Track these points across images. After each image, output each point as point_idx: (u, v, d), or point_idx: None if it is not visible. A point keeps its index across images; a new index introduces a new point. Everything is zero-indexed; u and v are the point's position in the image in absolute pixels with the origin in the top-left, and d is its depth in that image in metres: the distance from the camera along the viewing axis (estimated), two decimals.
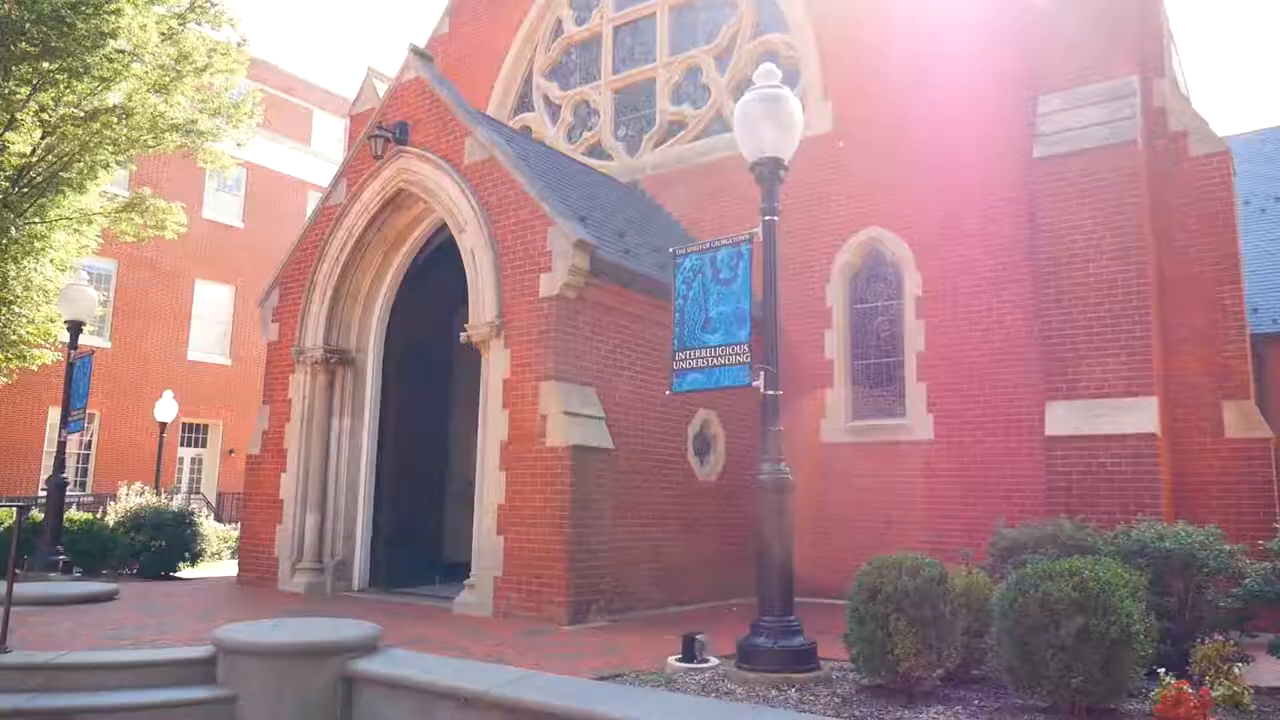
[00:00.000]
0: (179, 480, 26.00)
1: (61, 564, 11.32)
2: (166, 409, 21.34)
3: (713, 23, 13.12)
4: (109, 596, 9.18)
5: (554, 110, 14.74)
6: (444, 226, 10.01)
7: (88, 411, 14.34)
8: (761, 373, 5.98)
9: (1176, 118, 9.60)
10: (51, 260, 15.98)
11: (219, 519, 21.11)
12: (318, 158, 31.04)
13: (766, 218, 6.14)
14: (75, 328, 12.45)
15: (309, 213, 11.32)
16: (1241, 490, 8.85)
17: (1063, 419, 8.88)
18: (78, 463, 23.90)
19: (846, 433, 10.93)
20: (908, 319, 10.68)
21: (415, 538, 11.01)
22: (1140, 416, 8.53)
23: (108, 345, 24.55)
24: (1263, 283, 20.88)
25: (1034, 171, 9.55)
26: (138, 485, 14.82)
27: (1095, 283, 8.98)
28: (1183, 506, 8.95)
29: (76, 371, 12.42)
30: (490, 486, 8.75)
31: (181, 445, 26.48)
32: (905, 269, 10.80)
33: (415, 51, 10.23)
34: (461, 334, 9.27)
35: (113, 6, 14.10)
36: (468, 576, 8.85)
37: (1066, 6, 9.82)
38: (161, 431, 21.66)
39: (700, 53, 13.07)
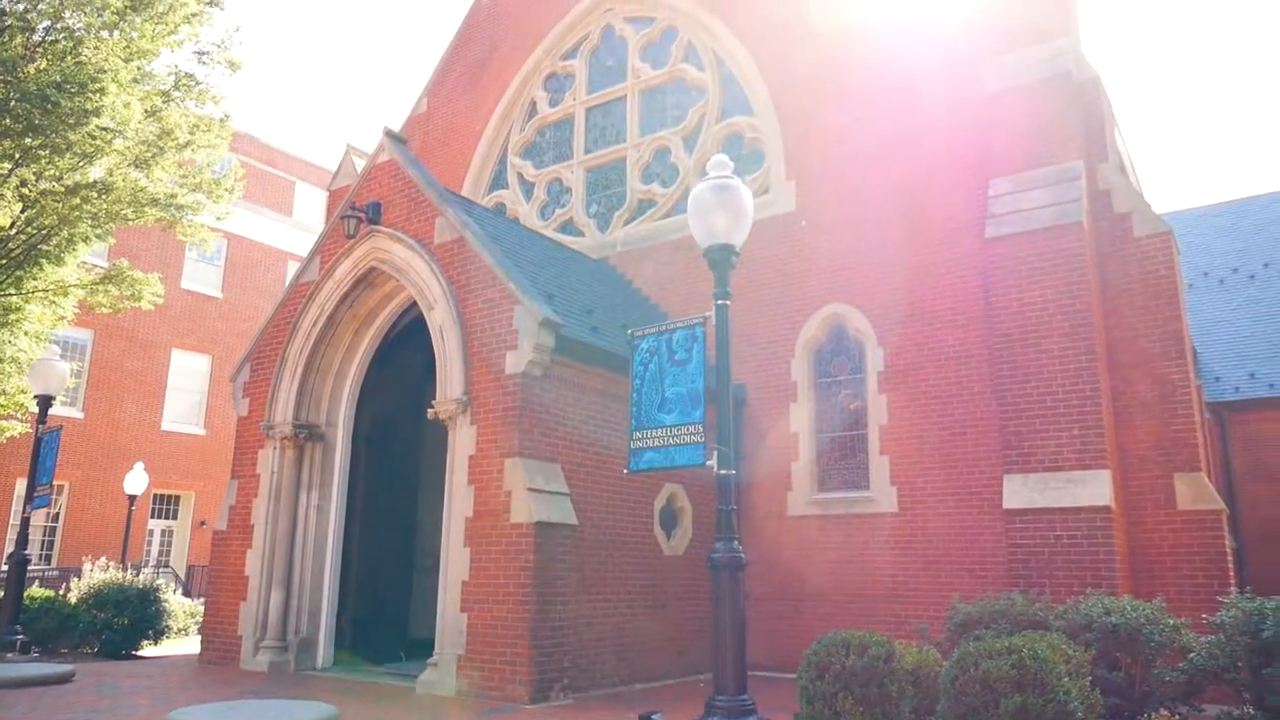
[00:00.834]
0: (148, 553, 25.61)
1: (19, 643, 11.12)
2: (137, 481, 21.15)
3: (680, 105, 13.61)
4: (66, 678, 9.04)
5: (528, 188, 15.12)
6: (415, 304, 10.20)
7: (56, 483, 14.28)
8: (715, 452, 6.11)
9: (1120, 200, 10.01)
10: (26, 332, 16.03)
11: (188, 593, 20.78)
12: (299, 228, 31.41)
13: (719, 302, 6.36)
14: (45, 402, 12.45)
15: (289, 282, 11.52)
16: (1196, 562, 9.01)
17: (1019, 492, 9.06)
18: (44, 535, 23.55)
19: (813, 505, 11.05)
20: (871, 393, 10.91)
21: (382, 614, 10.94)
22: (1094, 489, 8.73)
23: (80, 416, 24.40)
24: (1224, 352, 21.48)
25: (987, 251, 9.91)
26: (102, 561, 14.64)
27: (1047, 359, 9.27)
28: (1139, 578, 9.10)
29: (44, 446, 12.38)
30: (454, 563, 8.77)
31: (152, 517, 26.16)
32: (868, 345, 11.06)
33: (389, 135, 10.56)
34: (429, 410, 9.39)
35: (97, 85, 14.41)
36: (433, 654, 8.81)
37: (1014, 95, 10.31)
38: (131, 504, 21.42)
39: (669, 134, 13.53)
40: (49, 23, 14.97)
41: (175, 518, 27.04)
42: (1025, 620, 6.69)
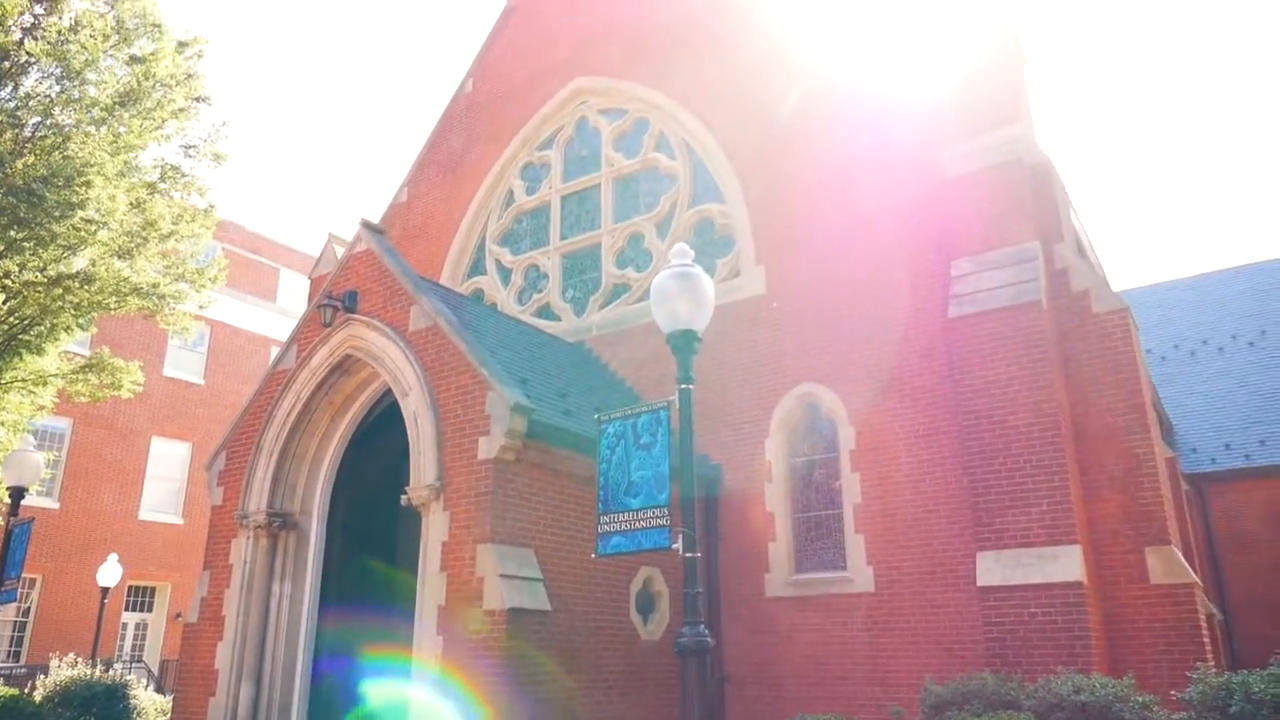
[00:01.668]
0: (121, 648, 24.99)
1: None
2: (110, 573, 20.78)
3: (653, 193, 14.01)
4: None
5: (506, 274, 15.41)
6: (390, 391, 10.30)
7: (28, 577, 14.02)
8: (680, 535, 6.17)
9: (1078, 278, 10.30)
10: (2, 422, 15.96)
11: (161, 689, 20.21)
12: (283, 314, 31.62)
13: (682, 385, 6.48)
14: (18, 493, 12.36)
15: (266, 370, 11.67)
16: (1170, 636, 8.99)
17: (992, 569, 9.09)
18: (13, 631, 22.99)
19: (791, 586, 11.01)
20: (844, 472, 10.99)
21: (356, 707, 10.71)
22: (1065, 565, 8.78)
23: (55, 506, 24.10)
24: (1199, 424, 21.74)
25: (951, 330, 10.15)
26: (70, 657, 14.31)
27: (1014, 435, 9.42)
28: (1116, 653, 9.08)
29: (14, 539, 12.24)
30: (428, 651, 8.67)
31: (126, 610, 25.60)
32: (839, 423, 11.19)
33: (366, 225, 10.82)
34: (403, 497, 9.40)
35: (84, 179, 14.68)
36: None
37: (970, 179, 10.70)
38: (103, 597, 21.00)
39: (642, 220, 13.89)
40: (39, 119, 15.30)
41: (150, 610, 26.48)
42: (997, 700, 6.67)
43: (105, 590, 21.01)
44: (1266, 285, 25.13)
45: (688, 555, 6.10)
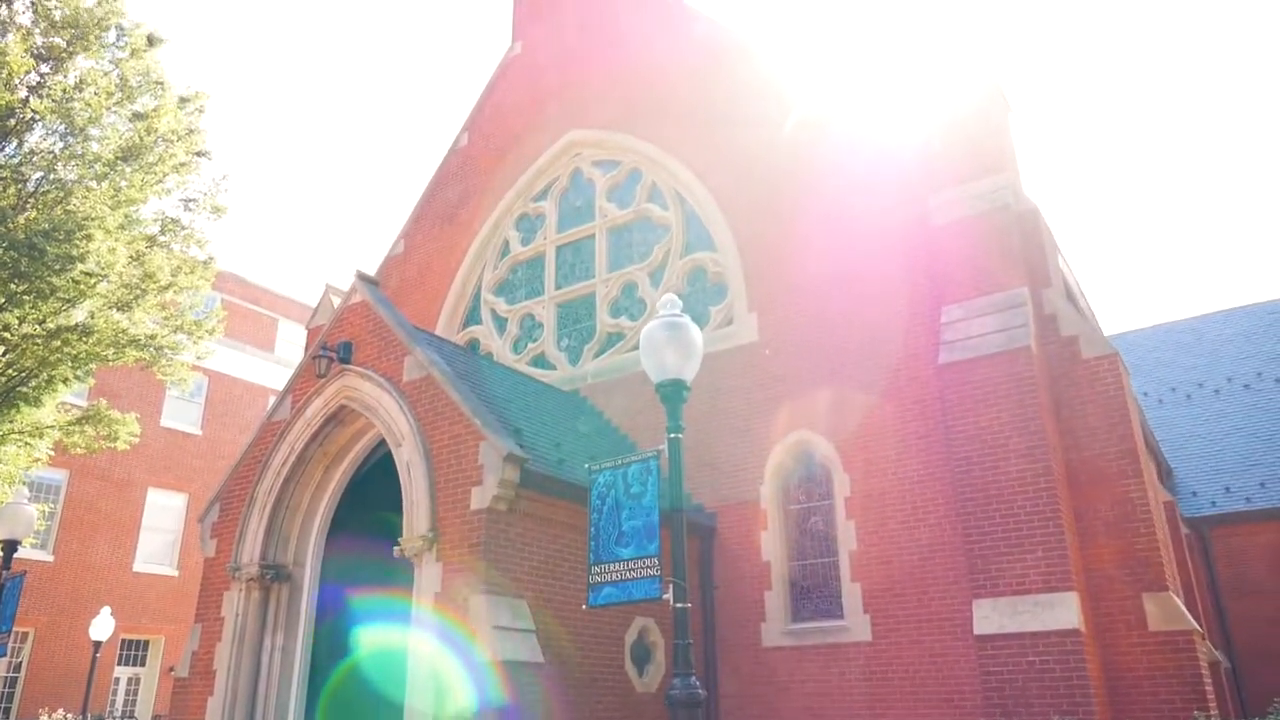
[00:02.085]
0: (113, 703, 24.61)
1: None
2: (103, 627, 20.55)
3: (647, 242, 14.16)
4: None
5: (501, 323, 15.51)
6: (384, 441, 10.32)
7: (20, 630, 13.87)
8: (671, 585, 6.14)
9: (1067, 323, 10.37)
10: None
11: None
12: (281, 364, 31.69)
13: (671, 435, 6.51)
14: (10, 547, 12.28)
15: (261, 422, 11.69)
16: (1172, 684, 8.89)
17: (989, 617, 9.02)
18: (3, 686, 22.65)
19: (787, 636, 10.90)
20: (839, 519, 10.95)
21: None
22: (1062, 613, 8.71)
23: (49, 559, 23.92)
24: (1198, 466, 21.67)
25: (942, 376, 10.20)
26: (60, 713, 14.12)
27: (1007, 480, 9.41)
28: (1118, 702, 8.97)
29: (5, 593, 12.14)
30: (420, 703, 8.56)
31: (119, 664, 25.27)
32: (834, 470, 11.18)
33: (361, 277, 10.92)
34: (395, 548, 9.36)
35: (84, 233, 14.81)
36: None
37: (958, 227, 10.83)
38: (95, 651, 20.74)
39: (636, 269, 14.02)
40: (42, 174, 15.50)
41: (144, 664, 26.13)
42: None
43: (97, 644, 20.77)
44: (1260, 327, 25.23)
45: (678, 606, 6.07)
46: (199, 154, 16.85)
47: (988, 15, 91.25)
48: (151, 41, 16.19)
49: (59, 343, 15.38)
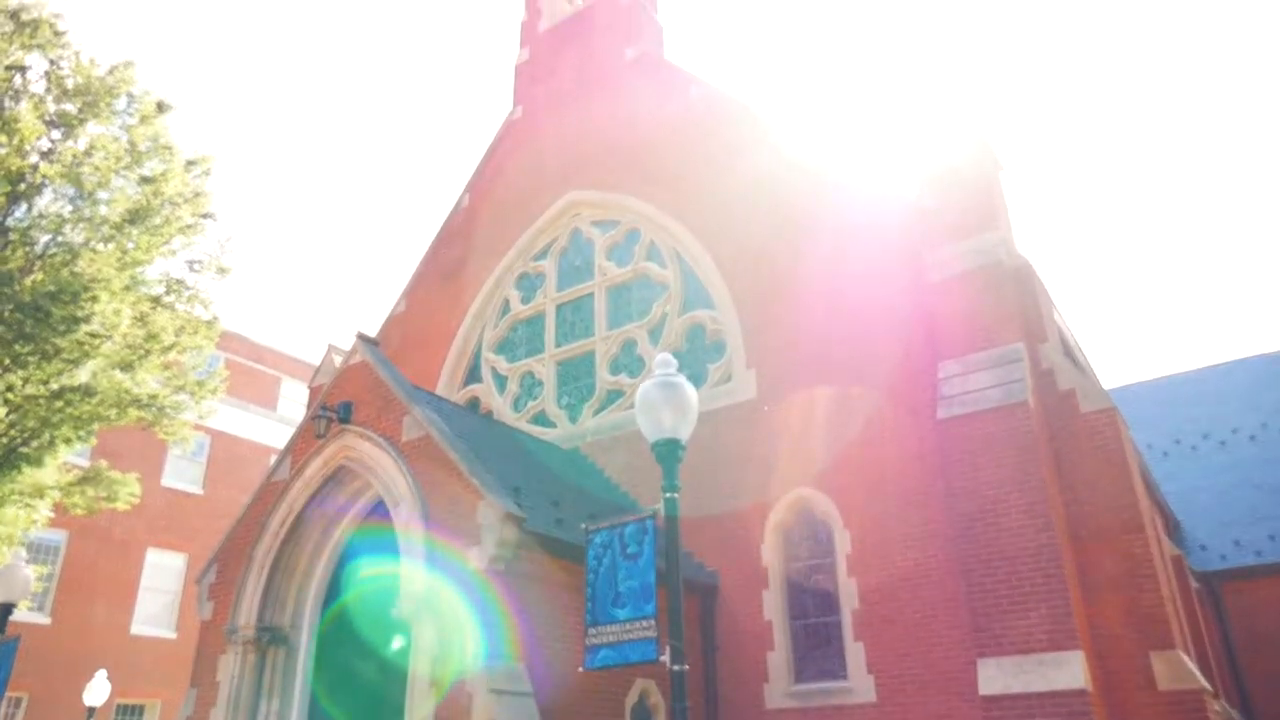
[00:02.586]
0: None
1: None
2: (97, 692, 20.21)
3: (645, 300, 14.27)
4: None
5: (501, 381, 15.57)
6: (383, 501, 10.29)
7: (14, 695, 13.67)
8: (668, 647, 6.07)
9: (1064, 378, 10.39)
10: None
11: None
12: (284, 423, 31.70)
13: (667, 494, 6.48)
14: (5, 610, 12.17)
15: (260, 483, 11.71)
16: None
17: (994, 678, 8.88)
18: None
19: (790, 698, 10.72)
20: (841, 577, 10.85)
21: None
22: (1069, 672, 8.57)
23: (46, 621, 23.66)
24: (1206, 519, 21.45)
25: (941, 432, 10.19)
26: None
27: (1009, 537, 9.34)
28: None
29: None
30: None
31: None
32: (835, 527, 11.11)
33: (362, 337, 11.01)
34: (393, 610, 9.27)
35: (90, 294, 14.95)
36: None
37: (953, 283, 10.92)
38: (89, 716, 20.39)
39: (635, 327, 14.11)
40: (50, 237, 15.69)
41: None
42: None
43: (91, 710, 20.42)
44: (1264, 379, 25.20)
45: (675, 668, 5.99)
46: (205, 216, 17.04)
47: (978, 74, 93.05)
48: (161, 108, 16.54)
49: (61, 403, 15.42)
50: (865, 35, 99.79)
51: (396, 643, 9.47)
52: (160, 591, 26.97)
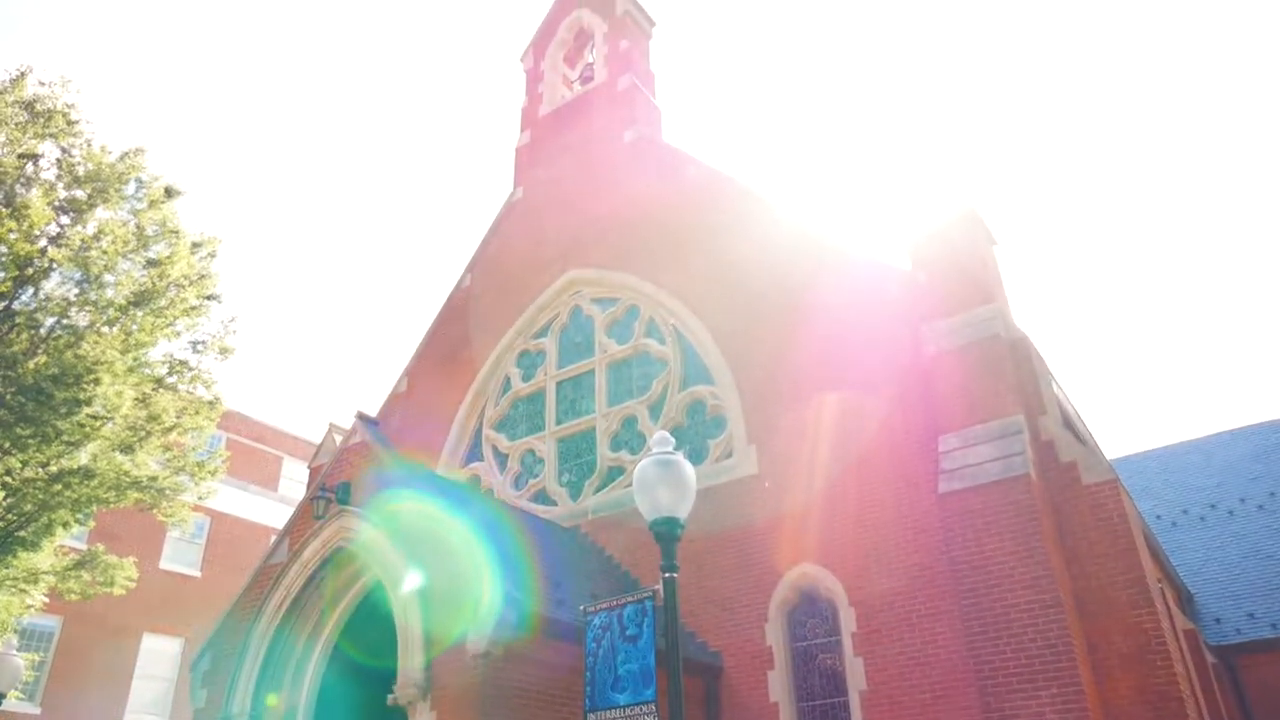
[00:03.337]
0: None
1: None
2: None
3: (646, 376, 14.34)
4: None
5: (502, 459, 15.53)
6: (381, 583, 10.16)
7: None
8: None
9: (1064, 450, 10.35)
10: None
11: None
12: (284, 503, 31.46)
13: (666, 574, 6.42)
14: None
15: (256, 566, 11.58)
16: None
17: None
18: None
19: None
20: (847, 656, 10.64)
21: None
22: None
23: (36, 711, 23.08)
24: (1218, 592, 21.08)
25: (943, 506, 10.12)
26: None
27: (1015, 613, 9.19)
28: None
29: None
30: None
31: None
32: (840, 605, 10.94)
33: (361, 417, 11.05)
34: (389, 696, 9.09)
35: (93, 376, 14.99)
36: None
37: (950, 357, 10.98)
38: None
39: (635, 404, 14.14)
40: (55, 319, 15.80)
41: None
42: None
43: None
44: (1269, 446, 25.07)
45: None
46: (210, 297, 17.16)
47: (971, 149, 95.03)
48: (169, 193, 16.85)
49: (60, 486, 15.33)
50: (859, 112, 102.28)
51: None
52: (155, 679, 26.38)
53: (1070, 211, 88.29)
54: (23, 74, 15.86)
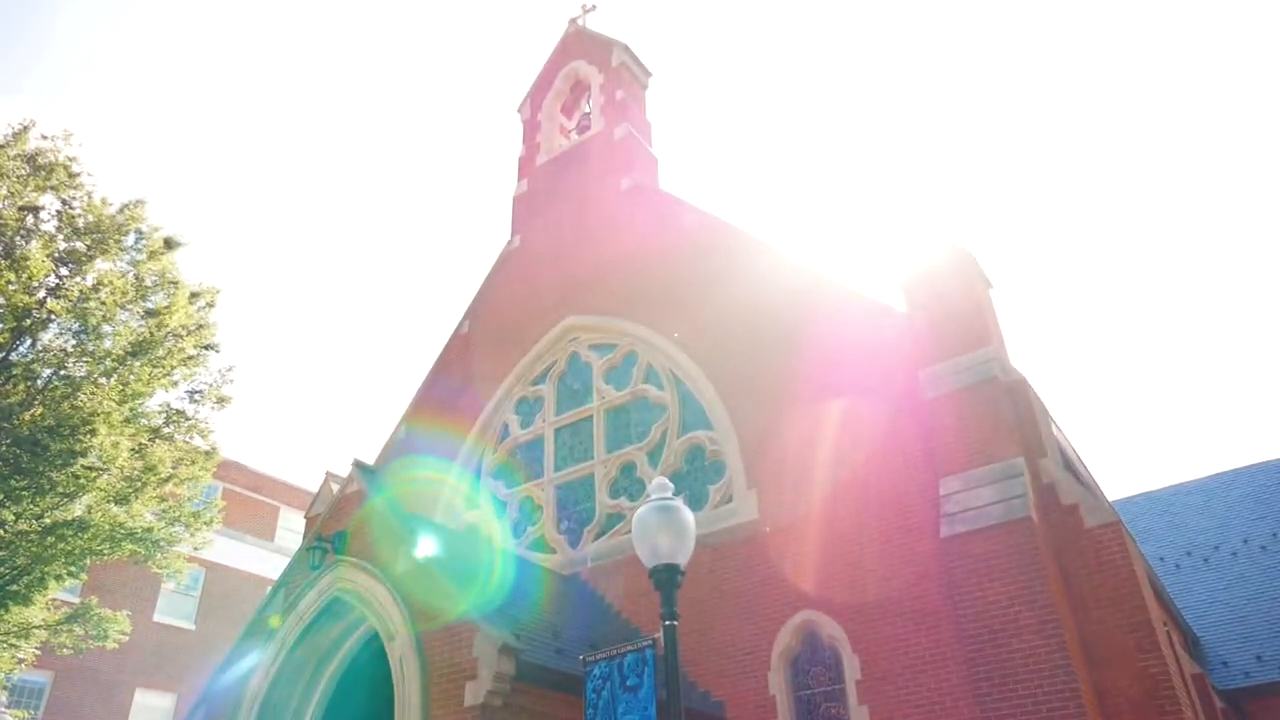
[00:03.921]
0: None
1: None
2: None
3: (644, 422, 14.29)
4: None
5: (501, 507, 15.41)
6: (378, 634, 10.03)
7: None
8: None
9: (1066, 492, 10.29)
10: None
11: None
12: (280, 553, 31.11)
13: (666, 622, 6.34)
14: None
15: (251, 618, 11.43)
16: None
17: None
18: None
19: None
20: (851, 705, 10.45)
21: None
22: None
23: None
24: (1225, 634, 20.84)
25: (945, 550, 10.03)
26: None
27: (1021, 658, 9.06)
28: None
29: None
30: None
31: None
32: (843, 652, 10.78)
33: (358, 465, 10.98)
34: None
35: (89, 427, 14.90)
36: None
37: (949, 400, 10.96)
38: None
39: (634, 450, 14.08)
40: (52, 370, 15.75)
41: None
42: None
43: None
44: (1269, 486, 24.98)
45: None
46: (208, 347, 17.16)
47: (967, 192, 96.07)
48: (169, 244, 16.92)
49: (53, 538, 15.18)
50: (855, 155, 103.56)
51: None
52: None
53: (1063, 253, 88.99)
54: (25, 128, 16.05)
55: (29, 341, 15.61)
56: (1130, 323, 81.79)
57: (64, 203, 16.09)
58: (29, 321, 15.22)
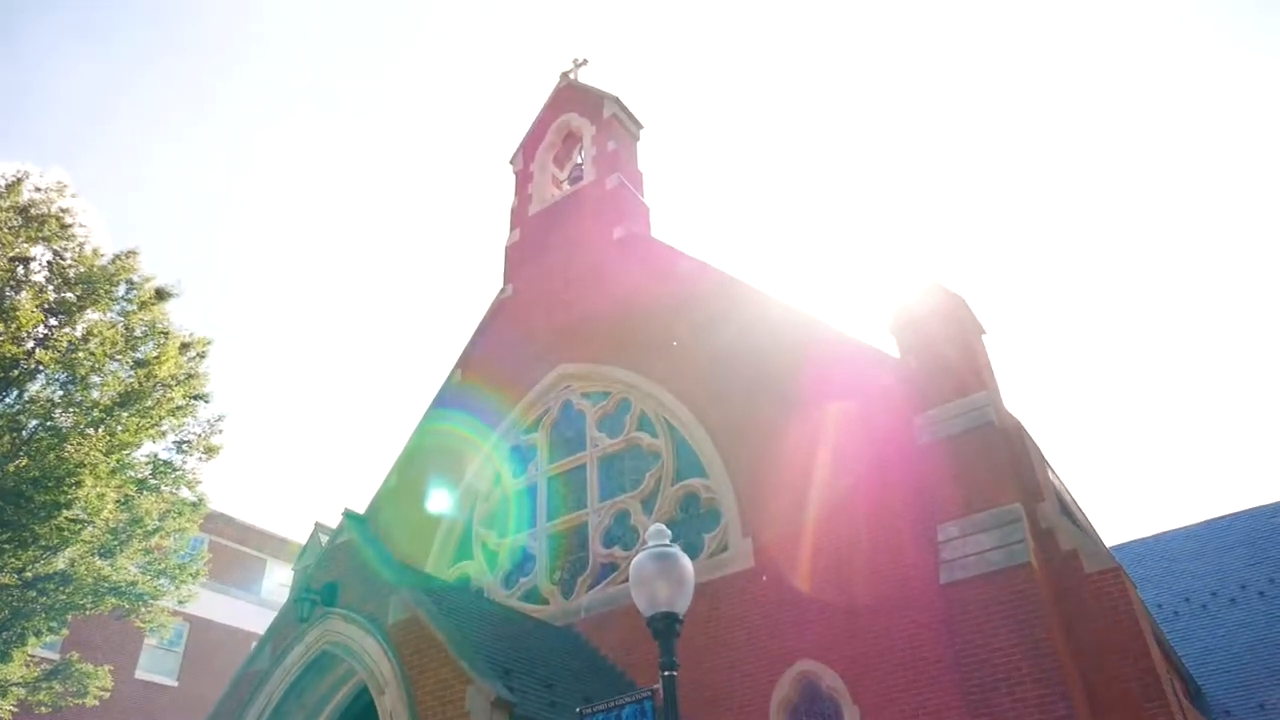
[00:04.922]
0: None
1: None
2: None
3: (638, 470, 14.18)
4: None
5: (493, 557, 15.20)
6: (367, 689, 9.80)
7: None
8: None
9: (1065, 538, 10.19)
10: None
11: None
12: (267, 607, 30.54)
13: (665, 672, 6.21)
14: None
15: (235, 673, 11.13)
16: None
17: None
18: None
19: None
20: None
21: None
22: None
23: None
24: (1226, 682, 20.58)
25: (945, 597, 9.90)
26: None
27: (1024, 708, 8.89)
28: None
29: None
30: None
31: None
32: (843, 702, 10.57)
33: (349, 515, 10.84)
34: None
35: (75, 479, 14.66)
36: None
37: (944, 446, 10.91)
38: None
39: (627, 498, 13.94)
40: (38, 421, 15.56)
41: None
42: None
43: None
44: (1265, 532, 24.88)
45: None
46: (197, 397, 17.02)
47: (960, 239, 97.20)
48: (161, 295, 16.84)
49: (35, 593, 14.89)
50: (849, 201, 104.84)
51: None
52: None
53: (1052, 299, 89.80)
54: (19, 179, 16.08)
55: (16, 392, 15.45)
56: (1118, 364, 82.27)
57: (55, 253, 16.06)
58: (16, 372, 15.10)
